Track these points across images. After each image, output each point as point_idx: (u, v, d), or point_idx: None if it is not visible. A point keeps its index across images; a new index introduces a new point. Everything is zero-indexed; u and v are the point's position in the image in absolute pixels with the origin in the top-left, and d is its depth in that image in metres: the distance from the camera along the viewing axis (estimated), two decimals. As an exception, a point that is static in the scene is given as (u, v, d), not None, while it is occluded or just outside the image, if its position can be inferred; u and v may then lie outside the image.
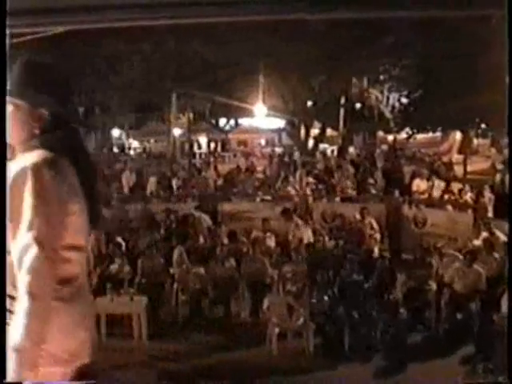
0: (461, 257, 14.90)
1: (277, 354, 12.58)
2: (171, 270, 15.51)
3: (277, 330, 12.63)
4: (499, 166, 25.44)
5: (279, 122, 54.53)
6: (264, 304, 13.39)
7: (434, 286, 14.29)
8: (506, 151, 31.05)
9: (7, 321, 3.12)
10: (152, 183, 24.61)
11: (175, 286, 14.99)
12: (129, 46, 39.04)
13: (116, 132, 62.73)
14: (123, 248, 16.50)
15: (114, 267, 15.32)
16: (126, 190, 24.55)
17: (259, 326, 13.60)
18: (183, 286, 14.85)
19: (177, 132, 49.30)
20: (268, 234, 17.23)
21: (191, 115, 49.58)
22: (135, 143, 63.66)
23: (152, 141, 61.35)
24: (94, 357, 3.75)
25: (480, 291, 13.72)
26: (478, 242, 16.34)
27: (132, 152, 58.17)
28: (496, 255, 14.94)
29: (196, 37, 36.31)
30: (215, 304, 14.68)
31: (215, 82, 44.42)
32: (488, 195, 20.57)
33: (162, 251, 16.12)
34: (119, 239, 16.80)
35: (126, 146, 61.71)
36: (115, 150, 57.61)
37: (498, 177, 23.02)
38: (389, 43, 37.87)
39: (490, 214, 19.30)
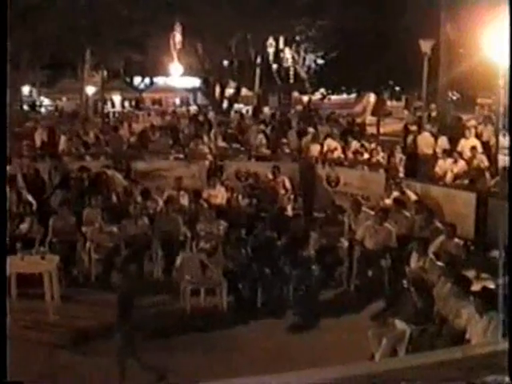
0: (372, 213, 15.18)
1: (190, 311, 12.65)
2: (83, 229, 15.35)
3: (190, 288, 12.70)
4: (412, 128, 25.89)
5: (194, 81, 54.19)
6: (177, 261, 13.45)
7: (345, 243, 14.56)
8: (418, 113, 31.62)
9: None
10: (64, 141, 24.23)
11: (88, 244, 14.86)
12: (41, -2, 38.09)
13: (26, 89, 61.44)
14: (34, 207, 16.27)
15: (24, 226, 15.07)
16: (37, 148, 24.08)
17: (172, 283, 13.65)
18: (96, 245, 14.73)
19: (90, 90, 48.52)
20: (181, 192, 17.21)
21: (105, 73, 48.81)
22: (47, 101, 62.46)
23: (64, 99, 60.22)
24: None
25: (390, 248, 14.03)
26: (389, 201, 16.65)
27: (43, 110, 57.07)
28: (406, 214, 15.28)
29: (111, -9, 35.72)
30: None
31: (129, 39, 43.77)
32: (399, 156, 20.96)
33: (75, 210, 15.91)
34: (30, 198, 16.53)
35: (38, 103, 60.59)
36: (26, 107, 56.38)
37: (409, 138, 23.44)
38: (304, 3, 37.91)
39: (402, 174, 19.66)
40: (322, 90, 47.26)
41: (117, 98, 61.34)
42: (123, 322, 9.97)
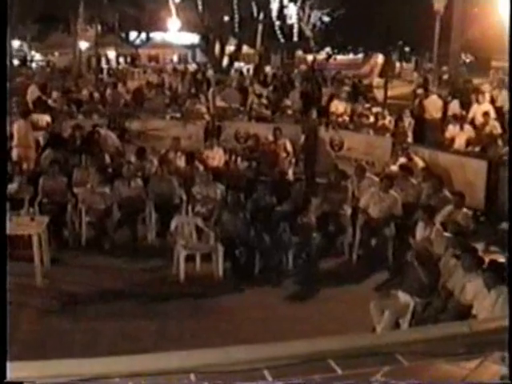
0: (377, 179, 15.14)
1: (184, 277, 12.66)
2: (75, 190, 15.31)
3: (184, 253, 12.67)
4: (419, 91, 25.79)
5: (193, 38, 53.93)
6: (171, 225, 13.44)
7: (348, 210, 14.50)
8: (429, 76, 31.51)
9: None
10: (55, 98, 24.16)
11: (79, 206, 14.81)
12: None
13: (17, 43, 61.13)
14: (24, 166, 16.25)
15: (13, 186, 14.98)
16: (29, 104, 23.91)
17: (166, 248, 13.64)
18: (87, 207, 14.68)
19: (83, 45, 48.30)
20: (178, 153, 17.16)
21: (99, 27, 48.52)
22: (38, 56, 62.16)
23: (56, 54, 59.94)
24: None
25: (395, 217, 13.99)
26: (395, 168, 16.60)
27: (34, 65, 56.83)
28: (413, 181, 15.22)
29: None
30: (121, 226, 14.62)
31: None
32: (408, 120, 20.87)
33: (66, 170, 15.86)
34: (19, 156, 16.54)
35: (28, 58, 60.30)
36: (16, 62, 56.11)
37: (416, 101, 23.35)
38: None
39: (410, 140, 19.59)
40: (328, 50, 47.17)
41: (111, 54, 61.04)
42: None
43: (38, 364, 3.26)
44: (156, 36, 61.92)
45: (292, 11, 49.36)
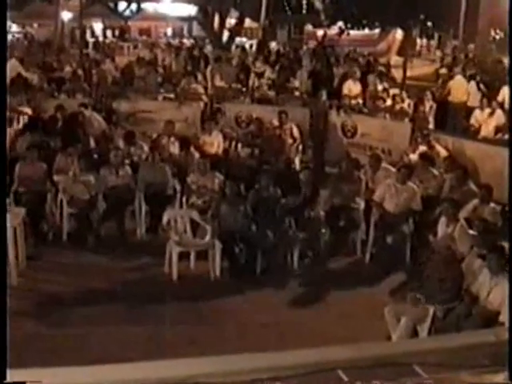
0: (393, 170, 15.12)
1: (177, 276, 12.68)
2: (55, 178, 15.30)
3: (178, 250, 12.69)
4: (442, 71, 25.75)
5: (189, 9, 53.86)
6: (164, 219, 13.45)
7: (361, 204, 14.52)
8: (461, 55, 31.48)
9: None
10: (35, 75, 24.14)
11: (60, 196, 14.82)
12: None
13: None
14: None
15: (-15, 173, 14.99)
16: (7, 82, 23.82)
17: (158, 244, 13.66)
18: (69, 197, 14.66)
19: (66, 16, 48.22)
20: (172, 138, 17.17)
21: (84, -4, 48.43)
22: (14, 27, 62.09)
23: (35, 25, 59.90)
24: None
25: (414, 211, 13.98)
26: (414, 157, 16.58)
27: (10, 37, 56.81)
28: (435, 172, 15.18)
29: None
30: (107, 219, 14.63)
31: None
32: (429, 103, 20.85)
33: (45, 155, 15.83)
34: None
35: (3, 30, 60.25)
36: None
37: (439, 83, 23.35)
38: None
39: (431, 126, 19.58)
40: (340, 24, 47.07)
41: (98, 26, 61.05)
42: None
43: (20, 372, 3.27)
44: (148, 7, 61.96)
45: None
